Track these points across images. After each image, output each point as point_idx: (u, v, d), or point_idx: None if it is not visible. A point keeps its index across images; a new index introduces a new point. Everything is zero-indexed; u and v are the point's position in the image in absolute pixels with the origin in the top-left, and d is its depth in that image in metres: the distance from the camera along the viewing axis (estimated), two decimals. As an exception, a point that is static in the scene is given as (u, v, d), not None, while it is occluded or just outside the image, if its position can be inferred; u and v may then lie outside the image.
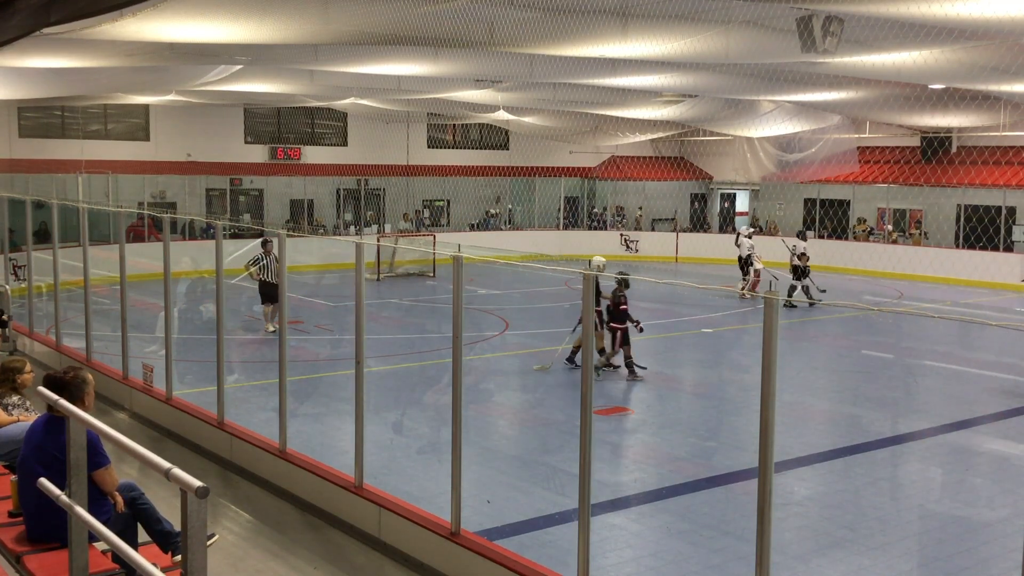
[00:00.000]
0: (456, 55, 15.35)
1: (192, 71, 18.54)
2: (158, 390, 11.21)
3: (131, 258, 12.44)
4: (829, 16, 11.72)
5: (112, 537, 4.12)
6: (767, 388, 4.92)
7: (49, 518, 5.34)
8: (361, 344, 8.11)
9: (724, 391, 14.33)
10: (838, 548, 8.12)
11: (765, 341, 4.90)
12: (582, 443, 6.12)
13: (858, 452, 10.99)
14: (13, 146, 26.50)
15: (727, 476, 9.97)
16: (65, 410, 4.79)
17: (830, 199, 32.17)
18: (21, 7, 8.91)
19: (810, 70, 16.82)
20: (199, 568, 3.45)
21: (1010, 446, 11.79)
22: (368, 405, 8.51)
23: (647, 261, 31.53)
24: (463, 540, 6.98)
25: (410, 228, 31.82)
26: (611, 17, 12.33)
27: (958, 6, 10.25)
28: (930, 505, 9.44)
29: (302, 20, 11.97)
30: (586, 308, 6.10)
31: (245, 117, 30.34)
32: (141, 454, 3.90)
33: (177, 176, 29.15)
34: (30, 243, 16.58)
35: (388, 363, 15.18)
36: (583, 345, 6.14)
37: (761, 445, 4.95)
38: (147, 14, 10.48)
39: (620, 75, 17.61)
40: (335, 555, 7.66)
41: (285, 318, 9.41)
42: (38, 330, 15.75)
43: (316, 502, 8.45)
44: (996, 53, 14.62)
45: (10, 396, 7.41)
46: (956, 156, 29.50)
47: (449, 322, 7.25)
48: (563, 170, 34.97)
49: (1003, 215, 27.57)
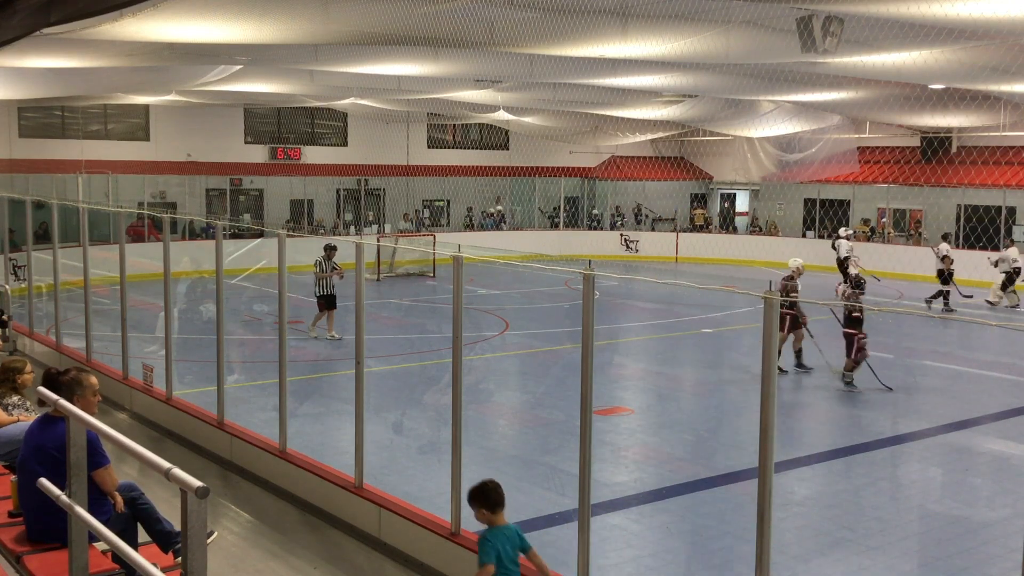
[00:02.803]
0: (456, 55, 15.35)
1: (192, 71, 18.54)
2: (158, 390, 11.21)
3: (131, 258, 12.44)
4: (829, 16, 11.72)
5: (112, 537, 4.12)
6: (767, 388, 4.92)
7: (49, 518, 5.34)
8: (361, 344, 8.11)
9: (724, 391, 14.33)
10: (838, 548, 8.12)
11: (765, 341, 4.89)
12: (582, 443, 6.11)
13: (858, 452, 10.99)
14: (13, 146, 26.50)
15: (727, 476, 9.97)
16: (65, 410, 4.79)
17: (830, 199, 32.16)
18: (21, 7, 8.91)
19: (810, 70, 16.82)
20: (199, 568, 3.45)
21: (1010, 446, 11.79)
22: (368, 405, 8.51)
23: (647, 261, 31.53)
24: (463, 540, 6.98)
25: (410, 228, 31.82)
26: (611, 17, 12.33)
27: (958, 6, 10.25)
28: (930, 505, 9.44)
29: (302, 20, 11.97)
30: (586, 308, 6.09)
31: (245, 117, 30.34)
32: (141, 454, 3.90)
33: (177, 176, 29.15)
34: (30, 243, 16.58)
35: (388, 363, 15.18)
36: (583, 346, 6.13)
37: (761, 445, 4.95)
38: (147, 14, 10.48)
39: (620, 75, 17.61)
40: (335, 555, 7.66)
41: (285, 318, 9.40)
42: (38, 330, 15.75)
43: (316, 502, 8.45)
44: (996, 53, 14.62)
45: (10, 396, 7.41)
46: (956, 156, 29.50)
47: (449, 322, 7.25)
48: (563, 170, 34.97)
49: (1003, 215, 27.56)
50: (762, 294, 4.90)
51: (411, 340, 17.70)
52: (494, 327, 18.89)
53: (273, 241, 9.24)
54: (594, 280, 5.90)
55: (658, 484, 9.78)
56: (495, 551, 5.45)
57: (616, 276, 21.66)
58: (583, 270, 5.85)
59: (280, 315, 9.35)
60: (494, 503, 5.62)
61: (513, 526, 5.69)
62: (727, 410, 13.02)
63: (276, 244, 9.01)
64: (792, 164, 30.48)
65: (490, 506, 5.61)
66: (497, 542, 5.49)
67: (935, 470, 10.77)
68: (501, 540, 5.52)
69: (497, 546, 5.47)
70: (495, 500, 5.63)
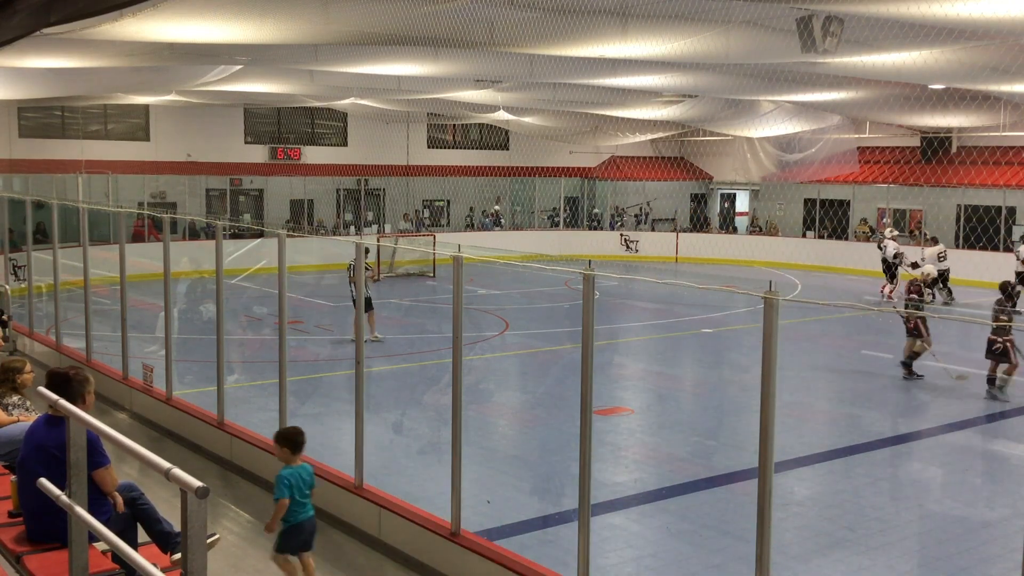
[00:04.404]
0: (456, 55, 15.34)
1: (192, 71, 18.54)
2: (158, 390, 11.21)
3: (131, 258, 12.44)
4: (829, 16, 11.71)
5: (112, 537, 4.12)
6: (767, 388, 4.92)
7: (49, 518, 5.33)
8: (361, 344, 8.12)
9: (724, 391, 14.33)
10: (838, 548, 8.12)
11: (765, 341, 4.89)
12: (582, 443, 6.11)
13: (858, 452, 10.98)
14: (13, 146, 26.49)
15: (727, 476, 9.97)
16: (65, 410, 4.79)
17: (830, 199, 32.16)
18: (21, 7, 8.91)
19: (810, 70, 16.81)
20: (199, 568, 3.45)
21: (1010, 446, 11.79)
22: (368, 405, 8.51)
23: (647, 261, 31.52)
24: (463, 540, 6.98)
25: (410, 228, 31.82)
26: (611, 17, 12.33)
27: (958, 6, 10.25)
28: (930, 505, 9.44)
29: (302, 20, 11.97)
30: (586, 308, 6.09)
31: (245, 117, 30.33)
32: (141, 454, 3.89)
33: (177, 176, 29.15)
34: (30, 243, 16.59)
35: (388, 363, 15.18)
36: (583, 346, 6.13)
37: (761, 445, 4.95)
38: (147, 14, 10.48)
39: (620, 75, 17.61)
40: (335, 555, 7.66)
41: (285, 318, 9.41)
42: (38, 330, 15.75)
43: (316, 502, 8.43)
44: (996, 53, 14.61)
45: (10, 396, 7.40)
46: (956, 156, 29.49)
47: (449, 322, 7.25)
48: (563, 170, 34.97)
49: (1003, 215, 27.56)
50: (762, 294, 4.90)
51: (411, 340, 17.70)
52: (494, 327, 18.89)
53: (273, 241, 9.24)
54: (594, 280, 5.90)
55: (658, 484, 9.78)
56: (289, 487, 6.45)
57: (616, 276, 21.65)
58: (583, 270, 5.85)
59: (280, 315, 9.35)
60: (298, 445, 6.64)
61: (308, 465, 6.68)
62: (727, 410, 13.02)
63: (276, 244, 9.01)
64: (792, 164, 30.47)
65: (293, 447, 6.61)
66: (293, 479, 6.48)
67: (935, 470, 10.77)
68: (296, 478, 6.51)
69: (292, 483, 6.47)
70: (299, 443, 6.65)
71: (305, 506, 6.56)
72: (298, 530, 6.58)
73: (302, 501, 6.53)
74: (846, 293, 24.20)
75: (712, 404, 13.50)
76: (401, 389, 13.93)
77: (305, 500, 6.56)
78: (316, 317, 19.85)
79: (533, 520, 8.56)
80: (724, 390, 14.38)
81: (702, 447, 11.27)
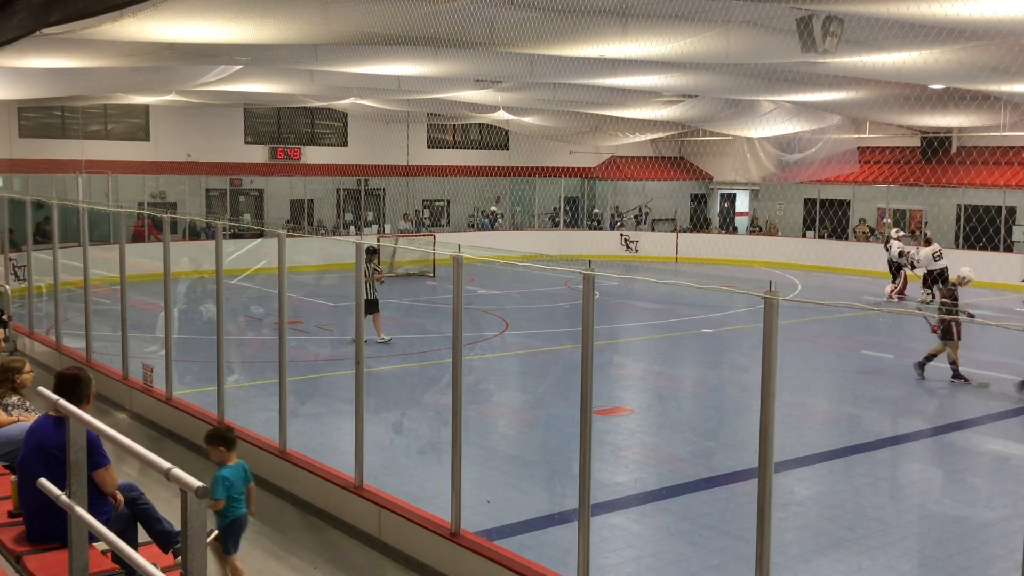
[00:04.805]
0: (456, 55, 15.34)
1: (192, 71, 18.54)
2: (158, 390, 11.21)
3: (131, 258, 12.44)
4: (829, 16, 11.71)
5: (112, 537, 4.12)
6: (767, 388, 4.92)
7: (49, 518, 5.34)
8: (361, 344, 8.12)
9: (724, 391, 14.33)
10: (838, 548, 8.12)
11: (765, 341, 4.89)
12: (582, 443, 6.11)
13: (858, 452, 10.98)
14: (13, 146, 26.49)
15: (727, 476, 9.97)
16: (65, 410, 4.79)
17: (830, 199, 32.16)
18: (21, 7, 8.91)
19: (810, 70, 16.81)
20: (199, 568, 3.45)
21: (1010, 446, 11.78)
22: (368, 405, 8.51)
23: (647, 261, 31.52)
24: (463, 540, 6.98)
25: (410, 228, 31.82)
26: (611, 17, 12.33)
27: (958, 6, 10.25)
28: (930, 505, 9.43)
29: (302, 20, 11.97)
30: (586, 308, 6.09)
31: (245, 117, 30.33)
32: (141, 454, 3.90)
33: (177, 176, 29.14)
34: (30, 243, 16.59)
35: (388, 363, 15.18)
36: (583, 346, 6.12)
37: (761, 445, 4.95)
38: (147, 14, 10.47)
39: (620, 75, 17.61)
40: (335, 555, 7.66)
41: (285, 318, 9.41)
42: (38, 330, 15.75)
43: (316, 502, 8.45)
44: (996, 53, 14.61)
45: (10, 396, 7.41)
46: (956, 156, 29.49)
47: (449, 322, 7.25)
48: (563, 170, 34.96)
49: (1003, 215, 27.56)
50: (762, 294, 4.90)
51: (411, 340, 17.70)
52: (494, 327, 18.89)
53: (273, 241, 9.24)
54: (594, 280, 5.90)
55: (658, 484, 9.78)
56: (226, 488, 6.48)
57: (616, 276, 21.62)
58: (583, 270, 5.85)
59: (280, 315, 9.35)
60: (232, 443, 6.71)
61: (242, 462, 6.73)
62: (727, 410, 13.02)
63: (276, 244, 9.01)
64: (792, 164, 30.46)
65: (227, 445, 6.69)
66: (230, 478, 6.53)
67: (935, 470, 10.77)
68: (233, 477, 6.56)
69: (229, 481, 6.51)
70: (233, 441, 6.74)
71: (240, 503, 6.62)
72: (239, 526, 6.64)
73: (237, 498, 6.59)
74: (846, 293, 24.20)
75: (712, 404, 13.50)
76: (401, 389, 13.93)
77: (239, 497, 6.61)
78: (316, 317, 19.85)
79: (533, 520, 8.56)
80: (724, 390, 14.38)
81: (702, 447, 11.27)
